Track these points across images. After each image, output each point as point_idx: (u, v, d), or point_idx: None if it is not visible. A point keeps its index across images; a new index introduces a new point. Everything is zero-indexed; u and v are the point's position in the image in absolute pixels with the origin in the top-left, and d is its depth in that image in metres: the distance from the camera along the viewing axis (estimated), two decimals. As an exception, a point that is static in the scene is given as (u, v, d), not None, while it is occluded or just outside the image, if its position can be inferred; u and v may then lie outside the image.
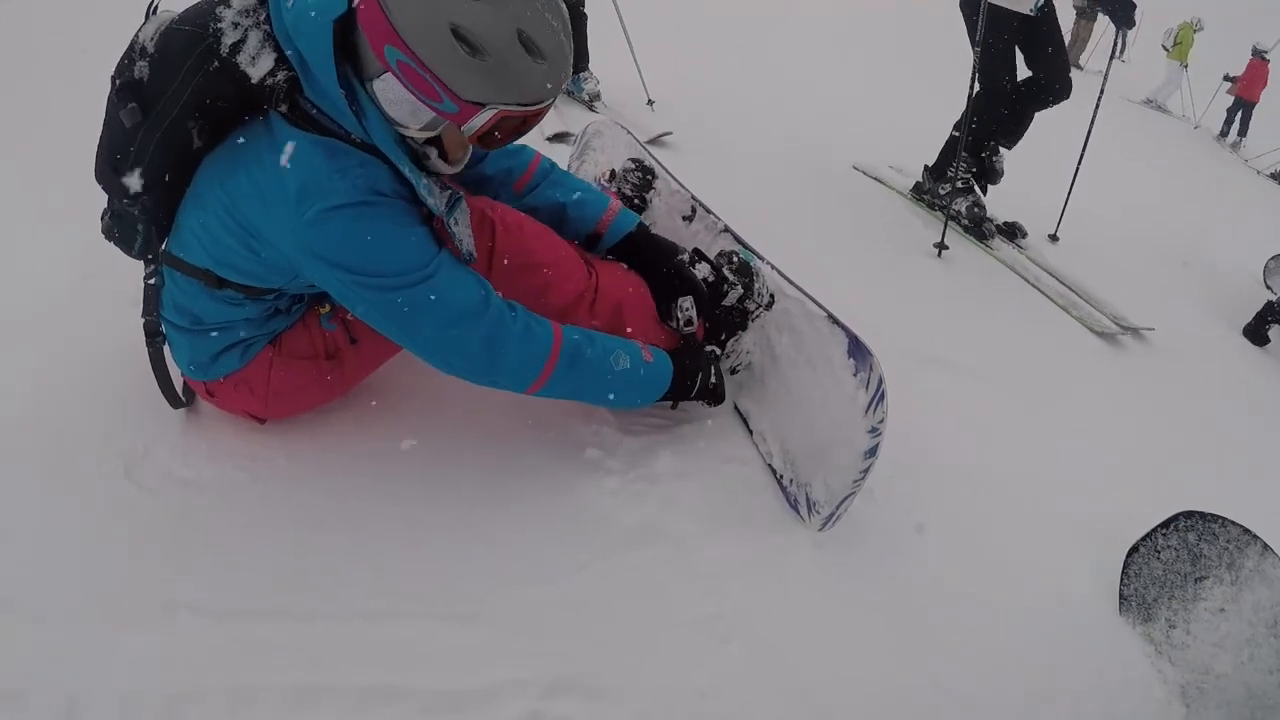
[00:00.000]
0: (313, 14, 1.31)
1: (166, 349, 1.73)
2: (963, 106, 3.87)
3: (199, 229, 1.51)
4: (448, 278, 1.46)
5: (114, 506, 1.61)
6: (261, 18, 1.37)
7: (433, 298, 1.44)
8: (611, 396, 1.68)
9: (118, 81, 1.42)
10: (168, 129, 1.42)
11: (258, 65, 1.36)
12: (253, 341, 1.65)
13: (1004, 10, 3.61)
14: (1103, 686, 1.63)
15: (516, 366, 1.53)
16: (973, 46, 3.70)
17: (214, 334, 1.61)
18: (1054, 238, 4.33)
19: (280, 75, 1.37)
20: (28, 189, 2.43)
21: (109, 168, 1.48)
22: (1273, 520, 1.83)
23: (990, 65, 3.73)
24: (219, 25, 1.36)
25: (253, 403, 1.73)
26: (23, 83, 3.55)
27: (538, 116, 1.39)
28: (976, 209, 4.00)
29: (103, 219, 1.61)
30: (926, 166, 4.29)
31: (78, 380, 1.87)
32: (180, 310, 1.62)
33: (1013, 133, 3.98)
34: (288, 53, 1.36)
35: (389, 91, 1.34)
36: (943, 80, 4.24)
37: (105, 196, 1.56)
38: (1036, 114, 3.91)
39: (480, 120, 1.35)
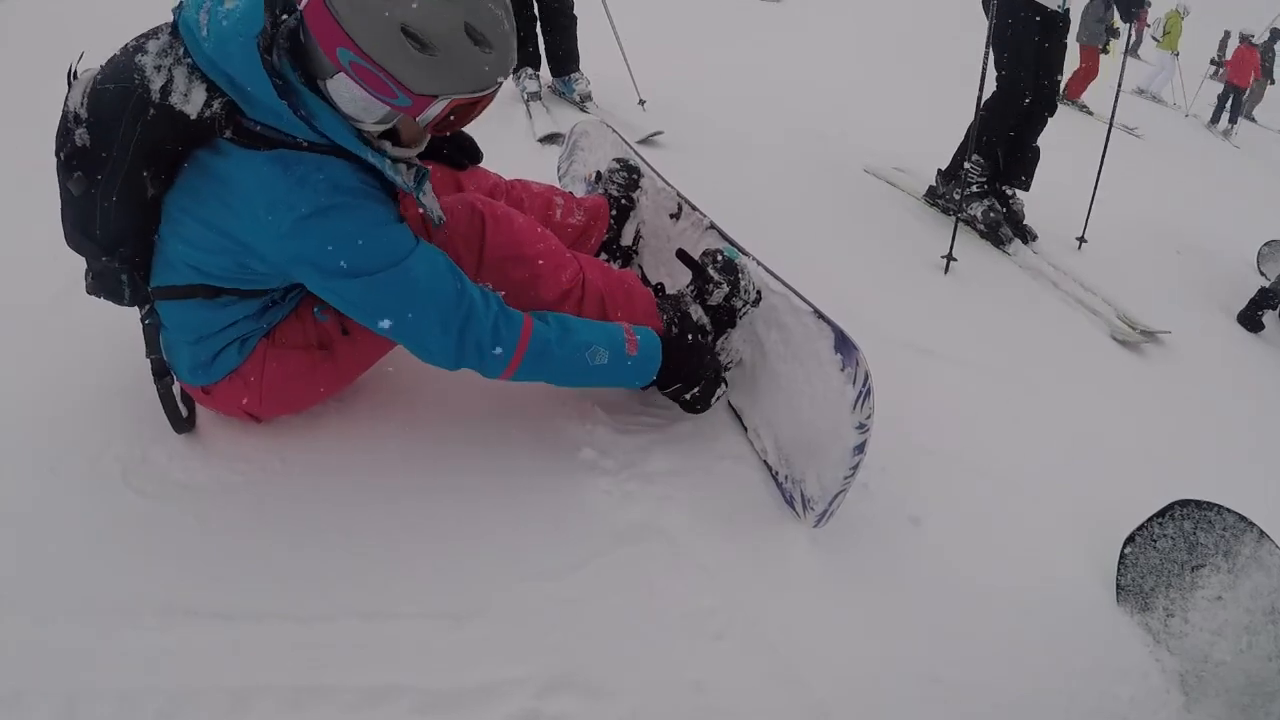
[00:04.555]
0: (236, 38, 1.33)
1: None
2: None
3: (187, 255, 1.53)
4: (424, 268, 1.50)
5: (111, 509, 1.61)
6: (180, 53, 1.38)
7: (409, 288, 1.48)
8: (590, 383, 1.73)
9: (61, 155, 1.43)
10: (122, 185, 1.44)
11: (191, 101, 1.37)
12: (249, 336, 1.66)
13: (1032, 2, 3.58)
14: (1101, 676, 1.63)
15: (485, 356, 1.56)
16: (988, 46, 3.64)
17: (217, 335, 1.63)
18: (1081, 240, 4.26)
19: (216, 105, 1.37)
20: (27, 186, 2.41)
21: (79, 233, 1.52)
22: (1269, 508, 1.83)
23: (1009, 64, 3.69)
24: (143, 74, 1.37)
25: (248, 397, 1.72)
26: (20, 84, 3.54)
27: (488, 101, 1.47)
28: (993, 213, 3.92)
29: (86, 279, 1.64)
30: (940, 170, 4.21)
31: (73, 383, 1.87)
32: (184, 328, 1.63)
33: (1025, 172, 3.94)
34: (216, 80, 1.37)
35: (343, 90, 1.38)
36: (957, 75, 4.17)
37: None
38: (1038, 142, 3.89)
39: (434, 111, 1.42)
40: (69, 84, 1.43)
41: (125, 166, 1.41)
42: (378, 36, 1.30)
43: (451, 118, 1.47)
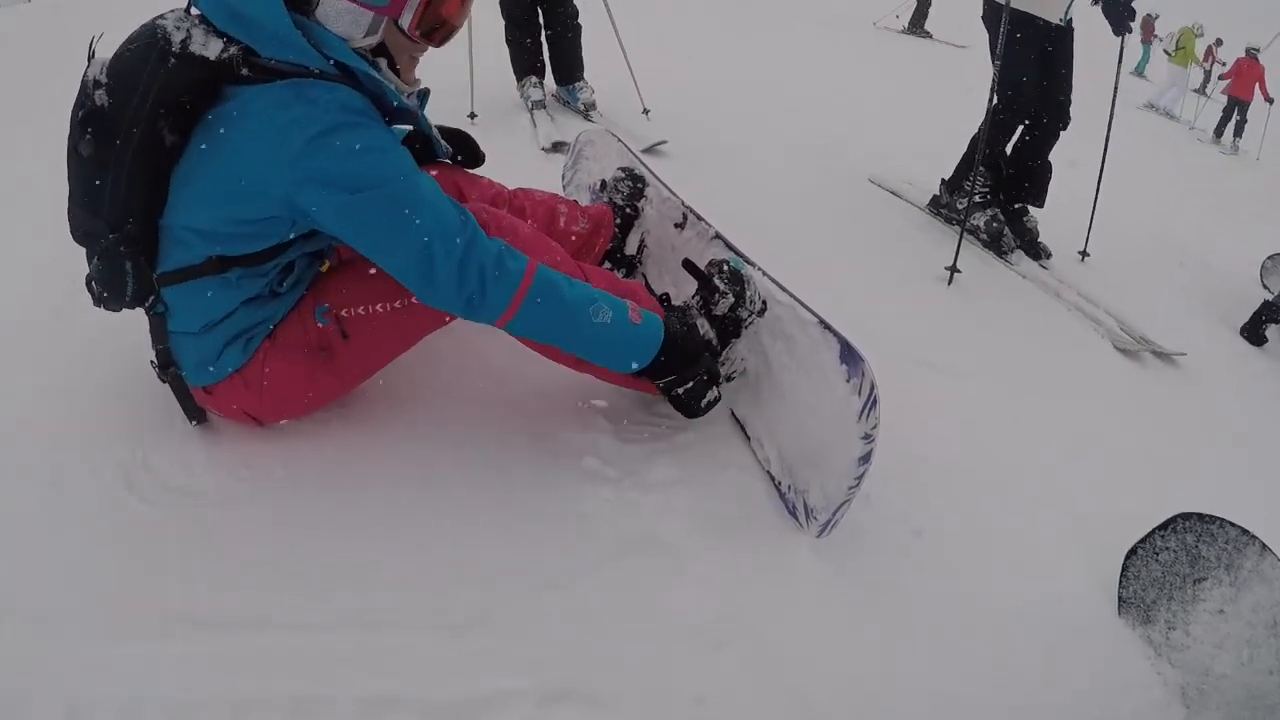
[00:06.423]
0: None
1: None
2: (982, 115, 3.79)
3: (193, 220, 1.58)
4: (430, 193, 1.56)
5: (113, 516, 1.61)
6: (196, 18, 1.52)
7: (414, 202, 1.53)
8: (589, 347, 1.72)
9: (79, 114, 1.51)
10: (141, 135, 1.50)
11: (209, 48, 1.48)
12: (253, 334, 1.69)
13: (1028, 16, 3.60)
14: (1102, 689, 1.62)
15: (488, 288, 1.57)
16: (993, 60, 3.64)
17: (221, 325, 1.65)
18: (1084, 254, 4.23)
19: (233, 49, 1.48)
20: (26, 192, 2.42)
21: (86, 211, 1.57)
22: (1272, 521, 1.83)
23: (1011, 74, 3.70)
24: (165, 30, 1.49)
25: (249, 398, 1.74)
26: (22, 87, 3.57)
27: (463, 5, 1.63)
28: (995, 223, 3.91)
29: (88, 285, 1.66)
30: (943, 180, 4.20)
31: (75, 389, 1.88)
32: (191, 315, 1.65)
33: (1038, 188, 3.93)
34: (231, 31, 1.48)
35: (329, 9, 1.53)
36: (960, 86, 4.16)
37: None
38: (1051, 155, 3.87)
39: (412, 9, 1.57)
40: (89, 59, 1.52)
41: (145, 112, 1.48)
42: None
43: (429, 27, 1.61)
